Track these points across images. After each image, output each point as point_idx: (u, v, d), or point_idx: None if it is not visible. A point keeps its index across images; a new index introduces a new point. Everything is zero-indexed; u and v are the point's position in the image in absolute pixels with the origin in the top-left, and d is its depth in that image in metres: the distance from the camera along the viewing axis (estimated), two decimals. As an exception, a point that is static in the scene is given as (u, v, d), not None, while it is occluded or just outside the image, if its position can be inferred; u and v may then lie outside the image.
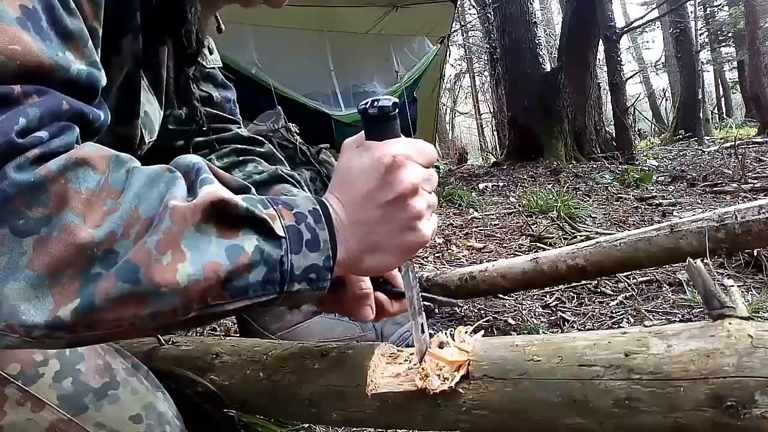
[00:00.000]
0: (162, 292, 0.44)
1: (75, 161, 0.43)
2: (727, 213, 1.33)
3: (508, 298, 1.70)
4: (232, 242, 0.47)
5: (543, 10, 16.23)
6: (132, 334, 0.48)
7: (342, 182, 0.58)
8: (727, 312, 0.57)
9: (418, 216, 0.56)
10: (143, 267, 0.43)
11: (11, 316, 0.40)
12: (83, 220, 0.42)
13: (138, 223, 0.44)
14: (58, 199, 0.41)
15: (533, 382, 0.60)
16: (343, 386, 0.71)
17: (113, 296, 0.42)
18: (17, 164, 0.40)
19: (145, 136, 0.80)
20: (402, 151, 0.55)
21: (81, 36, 0.47)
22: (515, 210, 3.40)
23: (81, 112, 0.46)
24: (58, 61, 0.43)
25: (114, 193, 0.44)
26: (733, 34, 13.70)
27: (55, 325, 0.41)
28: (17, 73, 0.41)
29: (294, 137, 1.59)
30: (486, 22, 8.06)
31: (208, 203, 0.46)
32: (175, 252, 0.44)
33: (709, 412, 0.52)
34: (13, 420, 0.60)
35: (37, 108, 0.41)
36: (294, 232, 0.51)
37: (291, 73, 5.40)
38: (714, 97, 17.99)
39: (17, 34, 0.41)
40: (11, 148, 0.40)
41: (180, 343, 0.92)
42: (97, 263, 0.42)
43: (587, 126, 6.37)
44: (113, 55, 0.65)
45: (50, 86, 0.43)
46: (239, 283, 0.48)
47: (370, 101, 0.58)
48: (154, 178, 0.47)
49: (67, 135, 0.44)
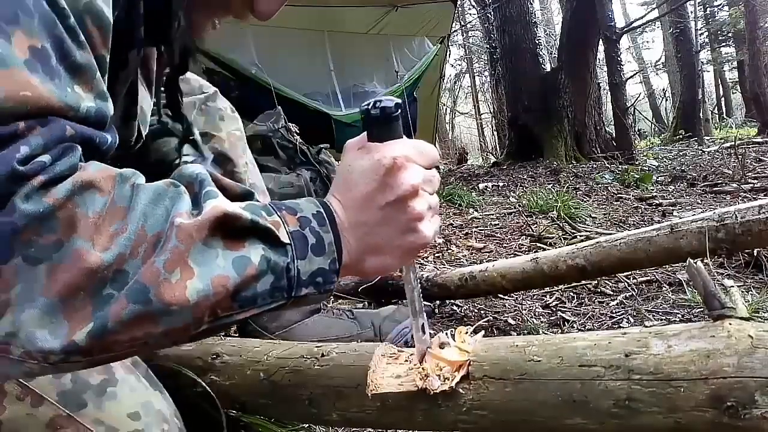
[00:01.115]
0: (173, 311, 0.44)
1: (81, 185, 0.43)
2: (727, 213, 1.33)
3: (508, 298, 1.70)
4: (238, 254, 0.48)
5: (543, 10, 16.21)
6: (146, 351, 0.48)
7: (343, 184, 0.58)
8: (727, 312, 0.57)
9: (418, 217, 0.56)
10: (153, 287, 0.43)
11: (28, 343, 0.41)
12: (92, 244, 0.42)
13: (145, 241, 0.44)
14: (66, 224, 0.42)
15: (534, 383, 0.60)
16: (343, 386, 0.71)
17: (125, 318, 0.43)
18: (24, 194, 0.40)
19: (142, 131, 0.81)
20: (403, 153, 0.55)
21: (90, 68, 0.47)
22: (515, 210, 3.40)
23: (87, 136, 0.46)
24: (68, 102, 0.44)
25: (120, 213, 0.44)
26: (733, 34, 13.69)
27: (72, 350, 0.42)
28: (28, 116, 0.41)
29: (294, 137, 1.60)
30: (486, 22, 8.06)
31: (213, 218, 0.47)
32: (184, 269, 0.45)
33: (709, 412, 0.52)
34: (13, 415, 0.60)
35: (41, 137, 0.42)
36: (299, 237, 0.51)
37: (291, 73, 5.39)
38: (714, 97, 17.99)
39: (27, 78, 0.41)
40: (14, 176, 0.40)
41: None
42: (108, 285, 0.43)
43: (587, 126, 6.37)
44: (121, 71, 0.65)
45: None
46: (248, 294, 0.48)
47: (372, 102, 0.57)
48: (160, 195, 0.47)
49: (69, 157, 0.44)
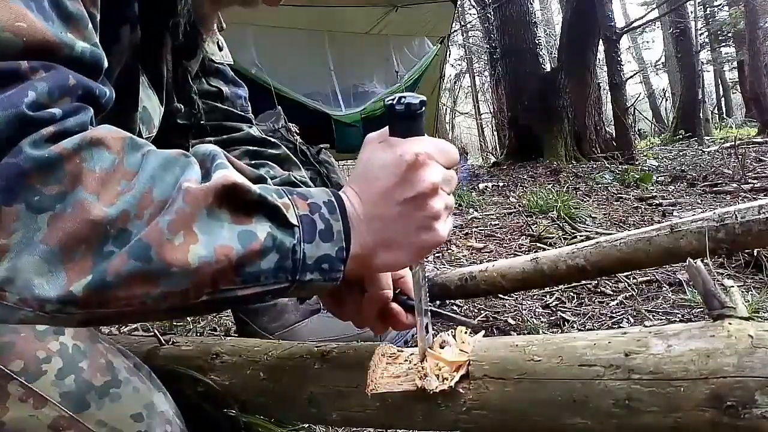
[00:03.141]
0: (173, 272, 0.44)
1: (90, 140, 0.43)
2: (727, 213, 1.33)
3: (508, 298, 1.70)
4: (244, 228, 0.47)
5: (543, 10, 16.22)
6: (143, 315, 0.48)
7: (362, 176, 0.57)
8: (727, 312, 0.57)
9: (435, 216, 0.55)
10: (155, 246, 0.43)
11: (25, 289, 0.41)
12: (97, 197, 0.42)
13: (152, 205, 0.44)
14: (72, 177, 0.42)
15: (533, 382, 0.60)
16: (343, 386, 0.71)
17: (124, 273, 0.42)
18: (33, 140, 0.40)
19: (142, 132, 0.81)
20: (425, 150, 0.55)
21: (81, 18, 0.47)
22: (515, 210, 3.40)
23: (88, 87, 0.46)
24: (63, 39, 0.44)
25: (128, 175, 0.44)
26: (733, 34, 13.69)
27: (68, 300, 0.42)
28: (24, 50, 0.41)
29: (294, 137, 1.59)
30: (486, 22, 8.06)
31: (220, 186, 0.47)
32: (188, 233, 0.44)
33: (709, 412, 0.52)
34: (15, 416, 0.60)
35: (45, 82, 0.42)
36: (307, 221, 0.51)
37: (291, 73, 5.40)
38: (714, 97, 17.99)
39: (22, 11, 0.42)
40: (23, 120, 0.40)
41: (180, 343, 0.92)
42: (111, 242, 0.42)
43: (587, 126, 6.37)
44: (112, 44, 0.65)
45: (56, 63, 0.44)
46: (251, 269, 0.48)
47: (397, 97, 0.57)
48: (170, 162, 0.47)
49: (81, 115, 0.44)
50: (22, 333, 0.61)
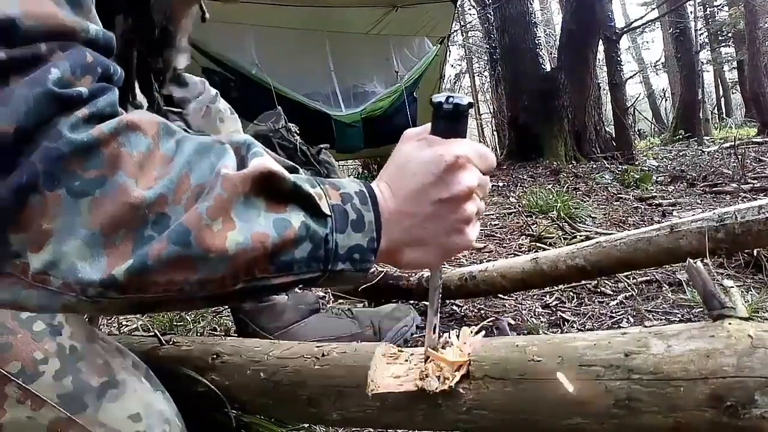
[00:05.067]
0: (211, 258, 0.44)
1: (126, 125, 0.44)
2: (727, 213, 1.33)
3: (508, 298, 1.70)
4: (279, 216, 0.48)
5: (543, 10, 16.21)
6: (181, 302, 0.48)
7: (397, 171, 0.57)
8: (726, 312, 0.57)
9: (467, 220, 0.55)
10: (194, 231, 0.43)
11: (69, 273, 0.41)
12: (135, 181, 0.43)
13: (189, 189, 0.44)
14: (111, 160, 0.42)
15: (534, 383, 0.60)
16: (343, 386, 0.71)
17: (164, 258, 0.43)
18: (70, 124, 0.41)
19: None
20: (465, 153, 0.55)
21: (86, 3, 0.48)
22: (515, 210, 3.40)
23: (105, 64, 0.46)
24: (79, 22, 0.44)
25: (164, 159, 0.45)
26: (733, 34, 13.68)
27: (110, 284, 0.42)
28: (44, 35, 0.42)
29: (294, 137, 1.59)
30: (486, 22, 8.05)
31: (258, 173, 0.47)
32: (225, 219, 0.45)
33: (708, 412, 0.52)
34: (13, 418, 0.60)
35: (66, 60, 0.42)
36: (340, 211, 0.51)
37: (291, 73, 5.39)
38: (714, 97, 17.97)
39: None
40: (52, 98, 0.40)
41: (180, 343, 0.92)
42: (150, 226, 0.43)
43: (587, 126, 6.36)
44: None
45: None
46: (285, 258, 0.48)
47: (445, 96, 0.56)
48: (205, 148, 0.47)
49: (109, 95, 0.45)
50: (19, 334, 0.61)
